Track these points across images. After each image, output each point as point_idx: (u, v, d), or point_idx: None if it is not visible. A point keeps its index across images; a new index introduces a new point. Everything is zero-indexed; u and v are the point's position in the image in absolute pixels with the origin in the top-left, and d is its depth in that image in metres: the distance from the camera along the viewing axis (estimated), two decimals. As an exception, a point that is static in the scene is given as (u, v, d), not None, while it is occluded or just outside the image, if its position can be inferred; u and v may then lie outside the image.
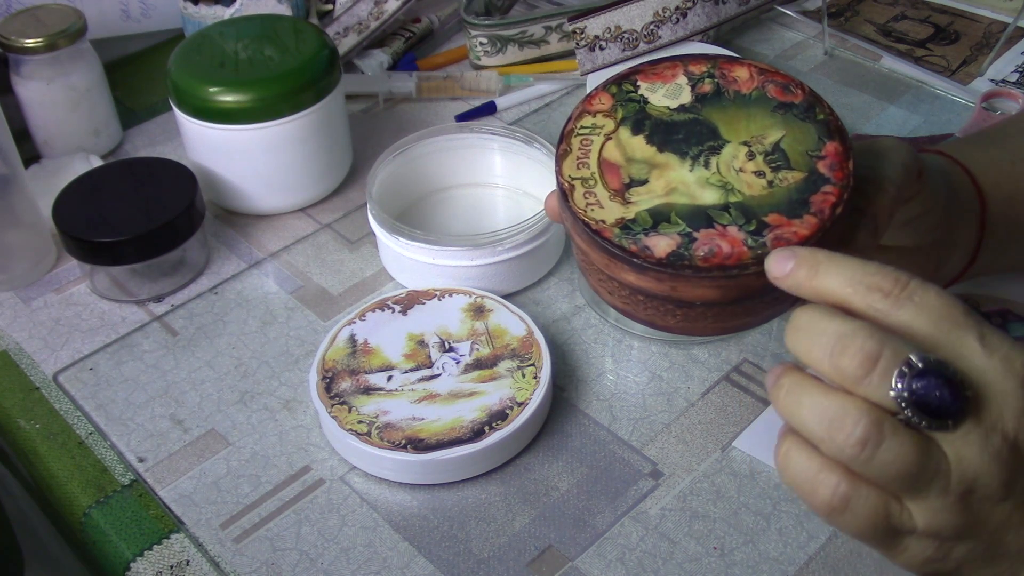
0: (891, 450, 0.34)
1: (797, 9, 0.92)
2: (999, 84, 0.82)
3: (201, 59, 0.70)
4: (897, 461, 0.34)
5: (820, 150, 0.45)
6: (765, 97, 0.47)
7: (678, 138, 0.46)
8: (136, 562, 0.52)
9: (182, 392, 0.61)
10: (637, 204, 0.44)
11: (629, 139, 0.47)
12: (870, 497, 0.36)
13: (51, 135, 0.76)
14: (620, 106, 0.48)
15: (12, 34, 0.71)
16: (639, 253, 0.42)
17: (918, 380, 0.34)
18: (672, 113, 0.47)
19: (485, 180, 0.73)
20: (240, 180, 0.71)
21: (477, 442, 0.54)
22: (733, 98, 0.47)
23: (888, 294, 0.36)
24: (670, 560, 0.51)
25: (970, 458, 0.34)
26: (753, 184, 0.44)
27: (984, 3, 0.92)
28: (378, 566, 0.51)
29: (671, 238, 0.43)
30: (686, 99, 0.48)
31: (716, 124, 0.47)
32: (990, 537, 0.36)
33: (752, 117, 0.46)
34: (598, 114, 0.48)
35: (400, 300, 0.62)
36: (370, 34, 0.86)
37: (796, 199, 0.43)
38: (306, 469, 0.56)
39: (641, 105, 0.48)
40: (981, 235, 0.55)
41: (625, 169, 0.46)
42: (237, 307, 0.66)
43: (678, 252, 0.42)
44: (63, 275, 0.69)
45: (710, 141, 0.46)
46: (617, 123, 0.47)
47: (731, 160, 0.45)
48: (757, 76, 0.48)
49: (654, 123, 0.47)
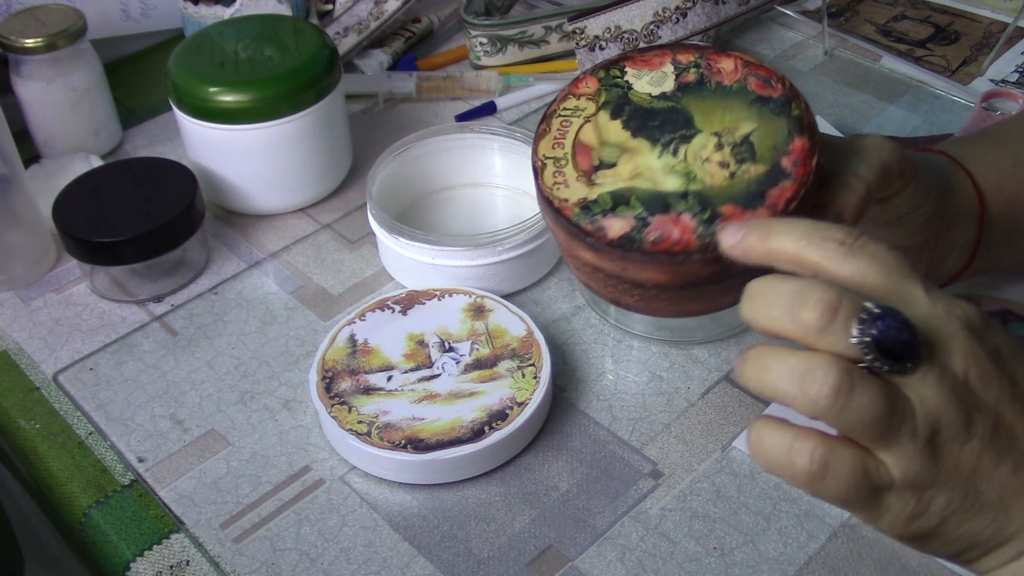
0: (864, 395, 0.35)
1: (797, 9, 0.92)
2: (999, 84, 0.82)
3: (201, 59, 0.70)
4: (870, 406, 0.35)
5: (787, 145, 0.45)
6: (745, 90, 0.48)
7: (653, 125, 0.47)
8: (136, 562, 0.52)
9: (182, 392, 0.61)
10: (601, 186, 0.46)
11: (607, 123, 0.48)
12: (847, 455, 0.37)
13: (51, 135, 0.76)
14: (604, 90, 0.49)
15: (12, 34, 0.71)
16: (594, 233, 0.44)
17: (877, 324, 0.35)
18: (652, 100, 0.48)
19: (485, 180, 0.73)
20: (240, 180, 0.71)
21: (477, 442, 0.54)
22: (714, 89, 0.48)
23: (843, 243, 0.37)
24: (670, 560, 0.51)
25: (931, 398, 0.36)
26: (716, 174, 0.45)
27: (984, 3, 0.92)
28: (378, 566, 0.51)
29: (626, 221, 0.44)
30: (669, 87, 0.49)
31: (692, 113, 0.47)
32: (965, 484, 0.37)
33: (729, 108, 0.47)
34: (582, 97, 0.49)
35: (400, 300, 0.62)
36: (370, 34, 0.86)
37: (754, 191, 0.44)
38: (306, 469, 0.56)
39: (624, 91, 0.49)
40: (980, 235, 0.55)
41: (597, 152, 0.47)
42: (237, 307, 0.66)
43: (629, 235, 0.44)
44: (63, 275, 0.69)
45: (683, 130, 0.47)
46: (598, 107, 0.48)
47: (699, 150, 0.46)
48: (741, 68, 0.48)
49: (633, 109, 0.48)
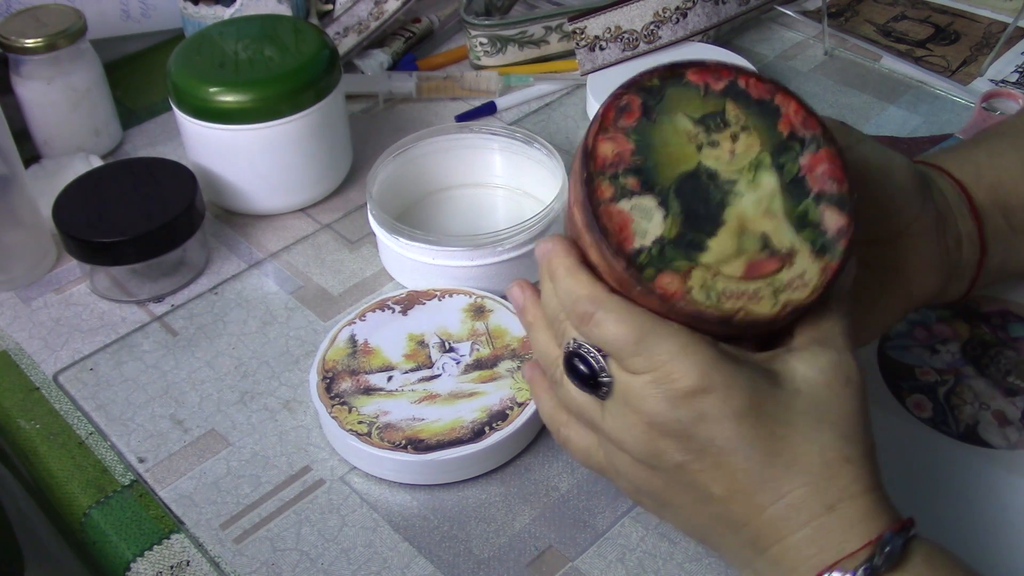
0: (567, 389, 0.46)
1: (797, 9, 0.92)
2: (999, 84, 0.82)
3: (201, 59, 0.70)
4: (571, 398, 0.46)
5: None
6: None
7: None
8: (136, 562, 0.52)
9: (182, 392, 0.61)
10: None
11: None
12: (580, 436, 0.47)
13: (51, 135, 0.76)
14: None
15: (12, 34, 0.71)
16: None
17: (570, 353, 0.45)
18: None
19: (485, 180, 0.73)
20: (240, 180, 0.71)
21: (477, 442, 0.54)
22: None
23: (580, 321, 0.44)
24: (670, 560, 0.51)
25: (615, 425, 0.44)
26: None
27: (984, 3, 0.92)
28: (378, 566, 0.51)
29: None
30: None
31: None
32: (660, 496, 0.44)
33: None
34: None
35: (400, 300, 0.62)
36: (370, 34, 0.86)
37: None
38: (306, 469, 0.56)
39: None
40: (979, 224, 0.54)
41: None
42: (237, 307, 0.66)
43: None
44: (63, 275, 0.69)
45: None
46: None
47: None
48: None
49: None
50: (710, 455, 0.41)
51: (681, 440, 0.42)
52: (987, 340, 0.60)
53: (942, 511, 0.51)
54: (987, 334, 0.60)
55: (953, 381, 0.58)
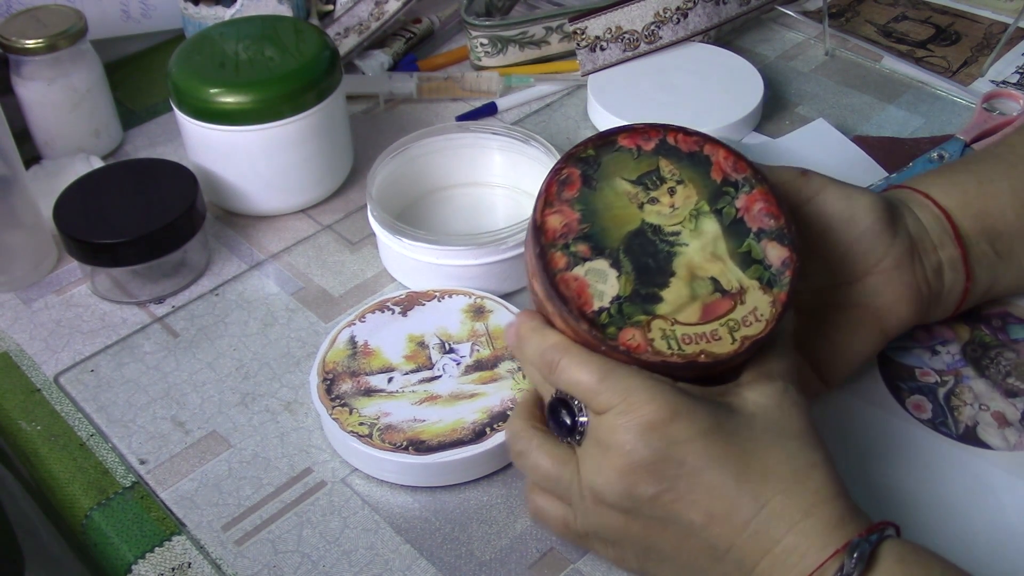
0: (532, 459, 0.47)
1: (798, 9, 0.92)
2: (1000, 85, 0.82)
3: (202, 60, 0.70)
4: (538, 468, 0.47)
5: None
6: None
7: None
8: (138, 564, 0.52)
9: (183, 394, 0.61)
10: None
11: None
12: (554, 508, 0.48)
13: (52, 136, 0.76)
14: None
15: (12, 35, 0.71)
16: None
17: (553, 402, 0.47)
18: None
19: (485, 180, 0.73)
20: (241, 181, 0.71)
21: (478, 444, 0.54)
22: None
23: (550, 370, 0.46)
24: (671, 562, 0.51)
25: (589, 470, 0.45)
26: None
27: (985, 4, 0.92)
28: (380, 568, 0.51)
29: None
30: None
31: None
32: (644, 542, 0.45)
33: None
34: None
35: (400, 301, 0.62)
36: (371, 35, 0.86)
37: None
38: (307, 471, 0.56)
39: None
40: (963, 251, 0.55)
41: None
42: (238, 308, 0.66)
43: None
44: (64, 276, 0.69)
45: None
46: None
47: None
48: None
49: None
50: (683, 479, 0.43)
51: (653, 470, 0.43)
52: (987, 342, 0.60)
53: (941, 512, 0.51)
54: (987, 336, 0.60)
55: (953, 382, 0.58)
